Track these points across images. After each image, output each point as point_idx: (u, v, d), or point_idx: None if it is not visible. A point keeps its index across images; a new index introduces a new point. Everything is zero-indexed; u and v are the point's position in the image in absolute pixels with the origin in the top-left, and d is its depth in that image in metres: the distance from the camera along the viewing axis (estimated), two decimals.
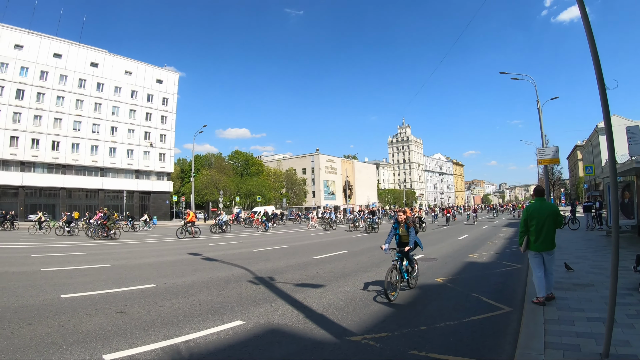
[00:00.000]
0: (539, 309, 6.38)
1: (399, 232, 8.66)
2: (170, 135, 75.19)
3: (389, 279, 7.64)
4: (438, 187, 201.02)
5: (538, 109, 25.55)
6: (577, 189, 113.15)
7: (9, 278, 10.27)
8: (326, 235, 27.59)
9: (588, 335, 5.14)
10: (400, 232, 8.64)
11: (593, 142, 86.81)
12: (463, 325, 6.22)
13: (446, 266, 12.30)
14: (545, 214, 6.80)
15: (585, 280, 8.48)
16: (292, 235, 28.71)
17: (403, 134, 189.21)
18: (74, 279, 10.33)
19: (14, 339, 5.45)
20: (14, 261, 13.70)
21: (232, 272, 11.63)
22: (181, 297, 8.25)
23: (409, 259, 8.57)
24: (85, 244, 20.77)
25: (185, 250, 17.64)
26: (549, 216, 6.79)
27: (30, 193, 58.11)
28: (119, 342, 5.43)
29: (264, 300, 7.92)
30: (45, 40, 59.37)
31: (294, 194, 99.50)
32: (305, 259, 14.59)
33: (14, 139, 55.70)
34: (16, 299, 7.84)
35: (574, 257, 11.91)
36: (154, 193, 71.08)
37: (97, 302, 7.67)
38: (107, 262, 13.58)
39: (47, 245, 19.49)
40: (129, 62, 70.24)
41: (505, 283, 9.63)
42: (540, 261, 6.88)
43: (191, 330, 5.99)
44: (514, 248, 16.53)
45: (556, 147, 20.78)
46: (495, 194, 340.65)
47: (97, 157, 64.30)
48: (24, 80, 56.63)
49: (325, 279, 10.30)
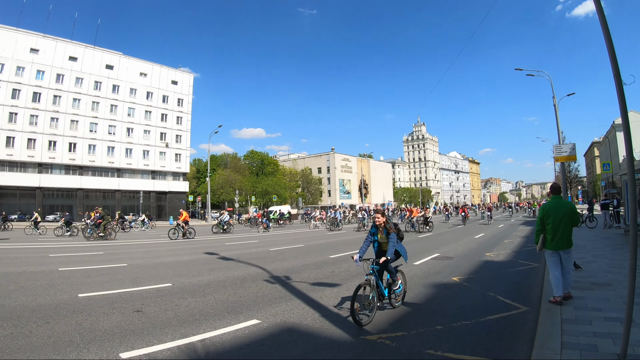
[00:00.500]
0: (555, 309, 6.30)
1: (378, 238, 7.04)
2: (185, 135, 75.80)
3: (359, 298, 6.07)
4: (454, 185, 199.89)
5: (554, 106, 25.32)
6: (594, 187, 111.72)
7: (27, 277, 10.43)
8: (342, 234, 27.51)
9: (605, 335, 5.07)
10: (379, 238, 7.01)
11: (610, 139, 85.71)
12: (479, 324, 6.17)
13: (462, 265, 12.21)
14: (562, 212, 6.71)
15: (603, 280, 8.36)
16: (296, 235, 28.60)
17: (418, 132, 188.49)
18: (91, 278, 10.46)
19: (32, 337, 5.53)
20: (32, 261, 13.90)
21: (248, 271, 11.69)
22: (197, 296, 8.30)
23: (389, 272, 6.93)
24: (93, 244, 20.94)
25: (202, 249, 17.75)
26: (566, 214, 6.69)
27: (48, 194, 59.01)
28: (135, 340, 5.48)
29: (280, 299, 7.95)
30: (61, 43, 60.28)
31: (310, 193, 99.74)
32: (321, 258, 14.60)
33: (31, 141, 56.62)
34: (34, 298, 7.95)
35: (591, 256, 11.75)
36: (170, 193, 71.68)
37: (114, 301, 7.76)
38: (124, 262, 13.72)
39: (64, 246, 19.71)
40: (143, 64, 70.96)
41: (522, 282, 9.53)
42: (557, 260, 6.79)
43: (207, 329, 6.02)
44: (530, 247, 16.36)
45: (573, 144, 20.56)
46: (511, 192, 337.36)
47: (114, 158, 65.07)
48: (40, 84, 57.54)
49: (341, 278, 10.29)
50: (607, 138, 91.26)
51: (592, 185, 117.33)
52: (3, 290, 8.76)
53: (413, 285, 9.11)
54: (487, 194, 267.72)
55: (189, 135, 76.47)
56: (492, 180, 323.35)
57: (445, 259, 13.52)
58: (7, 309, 7.10)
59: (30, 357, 4.86)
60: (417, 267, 12.02)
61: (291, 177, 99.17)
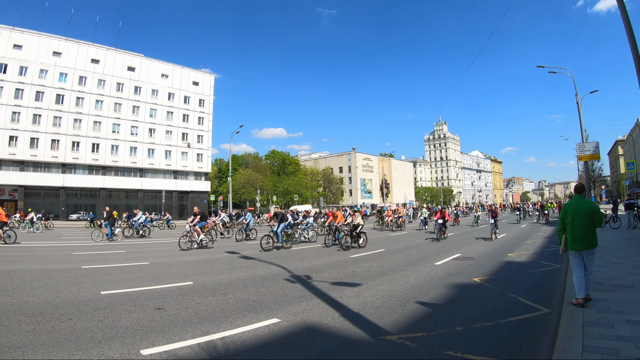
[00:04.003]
0: (577, 311, 6.21)
1: None
2: (207, 135, 76.63)
3: None
4: (476, 184, 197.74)
5: (577, 103, 24.96)
6: (618, 186, 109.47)
7: (50, 275, 10.62)
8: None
9: (627, 338, 4.98)
10: None
11: (635, 137, 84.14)
12: (500, 326, 6.11)
13: (484, 265, 12.10)
14: (583, 212, 6.61)
15: (626, 282, 8.18)
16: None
17: (440, 131, 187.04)
18: (114, 276, 10.61)
19: (55, 333, 5.64)
20: (56, 259, 14.18)
21: (269, 270, 11.75)
22: (218, 294, 8.37)
23: None
24: (115, 243, 21.21)
25: (223, 248, 17.86)
26: (586, 214, 6.59)
27: (71, 194, 60.15)
28: (156, 337, 5.56)
29: (300, 299, 7.97)
30: (83, 46, 61.46)
31: (331, 192, 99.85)
32: (342, 257, 14.60)
33: (55, 142, 57.86)
34: (57, 295, 8.10)
35: (614, 257, 11.53)
36: (192, 193, 72.43)
37: (135, 299, 7.87)
38: (146, 260, 13.90)
39: (88, 244, 20.01)
40: (165, 66, 71.85)
41: (544, 283, 9.41)
42: (580, 261, 6.69)
43: (228, 327, 6.07)
44: (553, 247, 16.12)
45: (596, 143, 20.30)
46: (534, 192, 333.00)
47: (136, 158, 66.04)
48: (63, 86, 58.77)
49: (361, 278, 10.29)
50: (632, 136, 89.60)
51: (616, 184, 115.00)
52: (27, 287, 8.93)
53: (434, 286, 9.11)
54: (510, 193, 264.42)
55: (210, 136, 77.35)
56: (514, 179, 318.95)
57: (467, 259, 13.42)
58: (31, 305, 7.25)
59: (53, 352, 4.95)
60: (438, 267, 11.97)
61: (312, 176, 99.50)
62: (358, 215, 18.27)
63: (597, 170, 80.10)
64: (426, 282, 9.68)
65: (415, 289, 8.84)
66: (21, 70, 55.32)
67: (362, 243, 17.83)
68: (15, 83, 54.63)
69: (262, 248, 16.60)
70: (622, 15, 4.16)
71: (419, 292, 8.47)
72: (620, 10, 4.16)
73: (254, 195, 71.00)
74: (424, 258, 13.83)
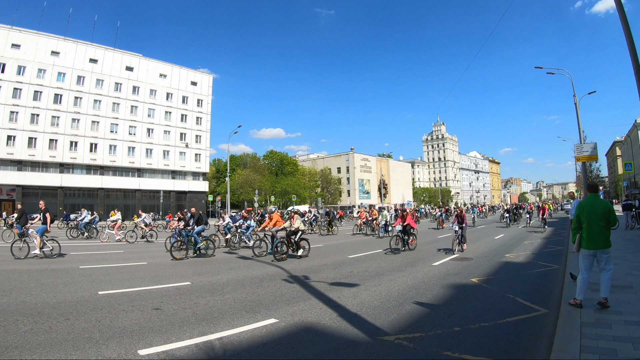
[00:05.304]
0: (575, 311, 6.22)
1: None
2: (205, 136, 76.46)
3: None
4: (474, 185, 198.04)
5: (575, 104, 24.98)
6: (616, 187, 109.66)
7: (48, 275, 10.63)
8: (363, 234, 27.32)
9: (625, 339, 5.00)
10: None
11: (632, 138, 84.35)
12: (498, 326, 6.13)
13: (481, 266, 12.11)
14: (599, 210, 6.61)
15: (624, 282, 8.22)
16: (313, 236, 28.51)
17: (438, 131, 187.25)
18: (111, 276, 10.61)
19: (52, 333, 5.64)
20: (54, 259, 14.11)
21: (267, 270, 11.76)
22: (216, 294, 8.38)
23: None
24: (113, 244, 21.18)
25: (221, 249, 17.79)
26: (603, 213, 6.59)
27: (69, 193, 59.91)
28: (154, 337, 5.56)
29: (298, 299, 7.98)
30: (81, 46, 61.23)
31: (329, 193, 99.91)
32: (340, 257, 14.63)
33: (52, 141, 57.59)
34: (55, 295, 8.10)
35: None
36: (190, 193, 72.16)
37: (133, 299, 7.88)
38: (144, 260, 13.91)
39: (88, 244, 19.98)
40: (163, 65, 71.69)
41: (542, 284, 9.43)
42: (590, 263, 6.66)
43: (225, 327, 6.08)
44: (551, 248, 16.18)
45: (594, 144, 20.33)
46: (532, 192, 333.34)
47: (134, 158, 65.84)
48: (62, 86, 58.49)
49: (359, 278, 10.30)
50: (629, 137, 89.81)
51: (614, 185, 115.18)
52: (24, 287, 8.93)
53: (432, 286, 9.12)
54: (508, 194, 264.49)
55: (208, 136, 77.13)
56: (512, 180, 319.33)
57: (465, 259, 13.43)
58: (28, 305, 7.25)
59: (50, 352, 4.95)
60: (436, 267, 11.99)
61: (310, 177, 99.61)
62: (297, 218, 15.17)
63: (595, 171, 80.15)
64: (424, 282, 9.69)
65: (413, 289, 8.86)
66: (19, 70, 55.11)
67: (303, 253, 14.84)
68: (13, 82, 54.40)
69: (255, 254, 14.94)
70: (620, 16, 4.17)
71: (416, 292, 8.49)
72: (618, 12, 4.16)
73: (252, 196, 71.02)
74: (421, 259, 13.82)
